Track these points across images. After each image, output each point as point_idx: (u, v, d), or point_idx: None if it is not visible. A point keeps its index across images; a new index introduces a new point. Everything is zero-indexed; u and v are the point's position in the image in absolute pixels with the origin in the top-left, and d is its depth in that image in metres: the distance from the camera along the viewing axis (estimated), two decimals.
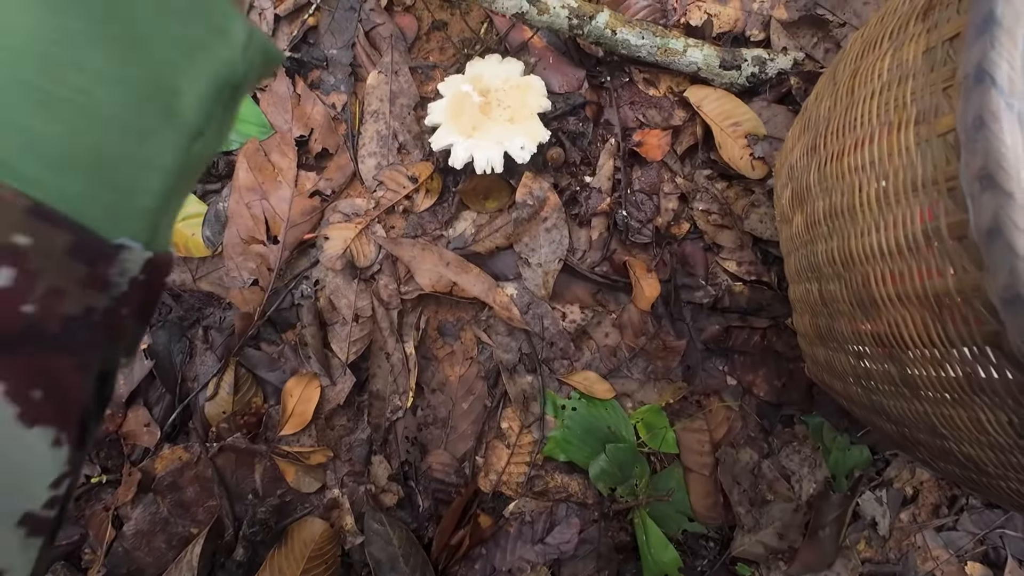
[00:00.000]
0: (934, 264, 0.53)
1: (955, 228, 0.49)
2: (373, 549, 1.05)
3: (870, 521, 1.14)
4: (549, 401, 1.12)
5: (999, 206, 0.42)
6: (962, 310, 0.51)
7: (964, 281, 0.49)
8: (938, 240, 0.52)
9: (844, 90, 0.73)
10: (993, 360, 0.50)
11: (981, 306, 0.48)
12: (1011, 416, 0.52)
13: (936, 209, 0.52)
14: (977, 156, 0.44)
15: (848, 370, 0.80)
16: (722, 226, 1.15)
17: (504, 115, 1.06)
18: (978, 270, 0.47)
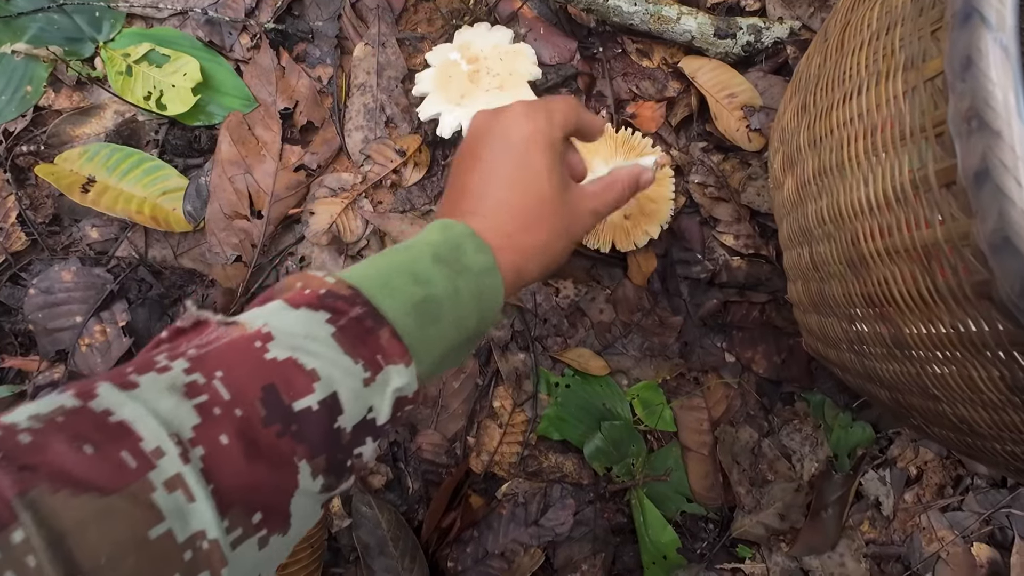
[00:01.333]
0: (923, 214, 0.51)
1: (943, 175, 0.47)
2: (361, 532, 1.03)
3: (873, 501, 1.12)
4: (542, 379, 1.10)
5: (987, 147, 0.40)
6: (951, 261, 0.49)
7: (953, 230, 0.47)
8: (926, 189, 0.50)
9: (834, 45, 0.71)
10: (983, 312, 0.48)
11: (970, 255, 0.45)
12: (1002, 371, 0.50)
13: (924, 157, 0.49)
14: (965, 97, 0.42)
15: (841, 336, 0.78)
16: (719, 199, 1.13)
17: (493, 83, 1.04)
18: (966, 217, 0.45)
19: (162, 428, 0.39)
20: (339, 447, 0.47)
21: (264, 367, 0.45)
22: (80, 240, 1.11)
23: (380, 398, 0.50)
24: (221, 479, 0.40)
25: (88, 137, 1.12)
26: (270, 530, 0.43)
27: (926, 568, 1.11)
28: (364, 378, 0.49)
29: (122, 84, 1.09)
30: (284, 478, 0.44)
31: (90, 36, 1.12)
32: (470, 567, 1.04)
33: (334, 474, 0.47)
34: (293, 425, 0.44)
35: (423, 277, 0.56)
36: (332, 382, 0.47)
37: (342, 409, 0.47)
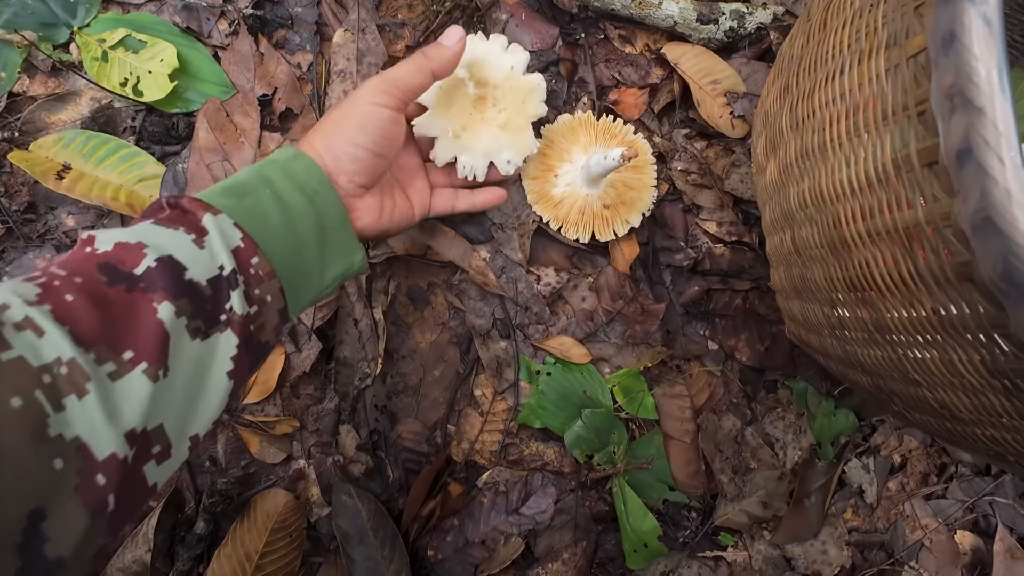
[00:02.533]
0: (904, 195, 0.51)
1: (925, 154, 0.46)
2: (341, 521, 1.02)
3: (857, 489, 1.12)
4: (524, 367, 1.09)
5: (970, 124, 0.40)
6: (932, 242, 0.48)
7: (934, 210, 0.46)
8: (908, 169, 0.49)
9: (817, 24, 0.71)
10: (964, 294, 0.47)
11: (952, 236, 0.45)
12: (982, 354, 0.50)
13: (906, 136, 0.49)
14: (948, 73, 0.41)
15: (823, 321, 0.78)
16: (702, 186, 1.12)
17: (498, 118, 1.00)
18: (948, 197, 0.44)
19: (10, 291, 0.48)
20: (200, 296, 0.58)
21: (95, 256, 0.56)
22: (56, 228, 1.09)
23: (221, 254, 0.61)
24: (75, 323, 0.49)
25: (64, 124, 1.10)
26: (150, 363, 0.51)
27: (909, 556, 1.11)
28: (191, 239, 0.61)
29: (98, 70, 1.08)
30: (143, 317, 0.53)
31: (65, 21, 1.10)
32: (450, 555, 1.04)
33: (201, 319, 0.58)
34: (140, 283, 0.55)
35: (231, 180, 0.72)
36: (161, 247, 0.58)
37: (184, 266, 0.58)
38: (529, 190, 1.05)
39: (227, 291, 0.60)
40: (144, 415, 0.50)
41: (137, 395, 0.49)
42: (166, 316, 0.53)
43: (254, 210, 0.68)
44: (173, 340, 0.53)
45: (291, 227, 0.71)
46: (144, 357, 0.51)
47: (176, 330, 0.54)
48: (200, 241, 0.61)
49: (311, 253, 0.74)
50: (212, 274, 0.60)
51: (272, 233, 0.68)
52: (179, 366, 0.54)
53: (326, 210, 0.75)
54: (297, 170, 0.75)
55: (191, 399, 0.56)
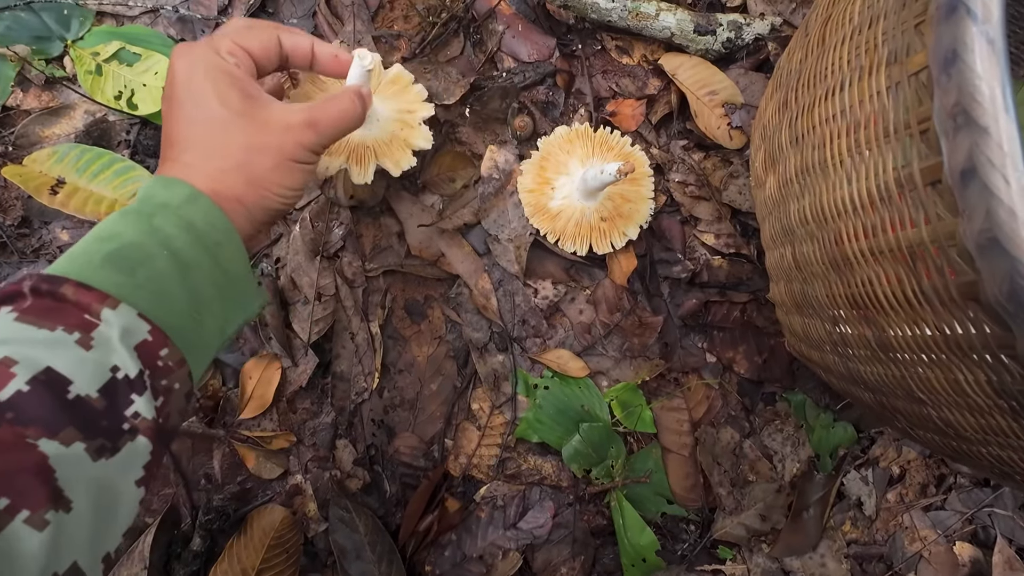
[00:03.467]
0: (907, 214, 0.50)
1: (928, 173, 0.46)
2: (338, 536, 1.02)
3: (855, 501, 1.12)
4: (521, 380, 1.09)
5: (974, 143, 0.40)
6: (936, 262, 0.48)
7: (938, 229, 0.46)
8: (911, 187, 0.49)
9: (815, 39, 0.70)
10: (969, 314, 0.47)
11: (956, 255, 0.44)
12: (988, 374, 0.49)
13: (908, 155, 0.48)
14: (950, 92, 0.41)
15: (824, 338, 0.78)
16: (699, 198, 1.12)
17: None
18: (952, 216, 0.44)
19: None
20: (91, 414, 0.48)
21: None
22: (50, 243, 1.09)
23: (116, 353, 0.51)
24: None
25: (57, 138, 1.10)
26: (34, 510, 0.43)
27: (908, 568, 1.10)
28: (75, 340, 0.50)
29: (92, 83, 1.07)
30: (18, 460, 0.44)
31: (58, 35, 1.09)
32: (448, 571, 1.04)
33: (103, 437, 0.49)
34: (8, 413, 0.45)
35: (109, 234, 0.57)
36: (36, 360, 0.47)
37: (68, 380, 0.48)
38: (526, 203, 1.04)
39: (127, 396, 0.51)
40: (44, 564, 0.43)
41: (29, 547, 0.42)
42: (50, 451, 0.45)
43: (152, 285, 0.56)
44: (65, 471, 0.46)
45: (193, 296, 0.60)
46: (24, 504, 0.43)
47: (67, 460, 0.46)
48: (87, 341, 0.50)
49: (213, 318, 0.63)
50: (104, 380, 0.50)
51: (174, 310, 0.58)
52: (81, 494, 0.46)
53: (231, 264, 0.64)
54: (195, 219, 0.61)
55: (105, 521, 0.49)
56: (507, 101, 1.11)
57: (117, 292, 0.53)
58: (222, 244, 0.63)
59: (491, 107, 1.10)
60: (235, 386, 1.08)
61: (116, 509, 0.50)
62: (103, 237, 0.57)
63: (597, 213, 1.03)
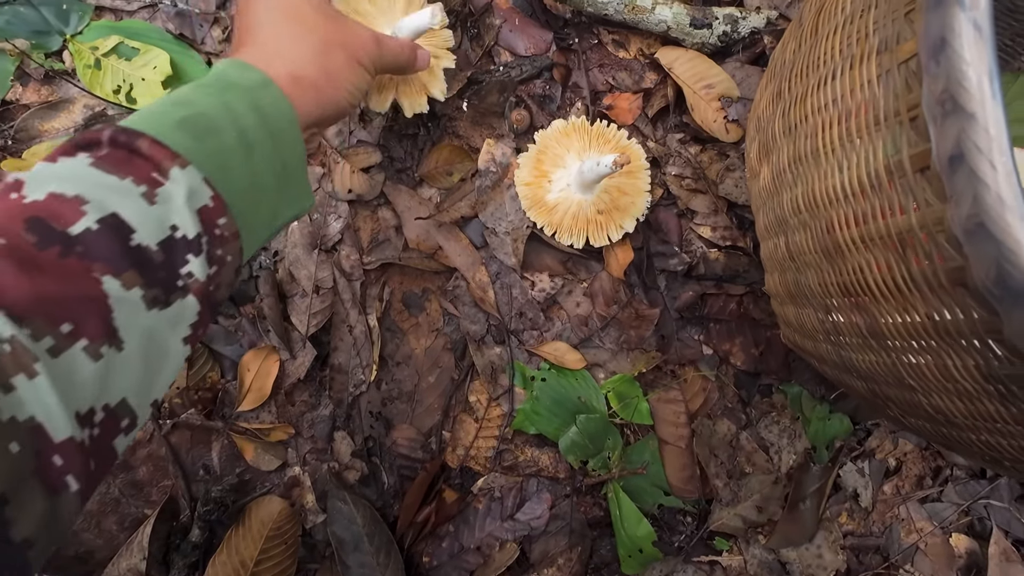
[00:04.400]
0: (897, 201, 0.51)
1: (918, 159, 0.47)
2: (336, 528, 1.02)
3: (852, 493, 1.12)
4: (518, 373, 1.09)
5: (961, 129, 0.40)
6: (925, 248, 0.48)
7: (927, 216, 0.46)
8: (900, 174, 0.49)
9: (809, 30, 0.71)
10: (958, 300, 0.48)
11: (945, 241, 0.45)
12: (977, 360, 0.50)
13: (899, 142, 0.49)
14: (939, 79, 0.41)
15: (817, 327, 0.78)
16: (696, 191, 1.12)
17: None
18: (941, 202, 0.44)
19: None
20: (150, 264, 0.50)
21: (22, 207, 0.47)
22: None
23: (178, 213, 0.53)
24: (2, 294, 0.42)
25: (57, 131, 1.10)
26: (92, 340, 0.45)
27: (905, 559, 1.11)
28: (141, 192, 0.51)
29: (91, 78, 1.08)
30: (84, 290, 0.46)
31: (57, 29, 1.10)
32: (445, 561, 1.04)
33: (159, 287, 0.51)
34: (77, 247, 0.47)
35: (183, 100, 0.60)
36: (104, 204, 0.49)
37: (131, 228, 0.50)
38: (523, 196, 1.04)
39: (183, 255, 0.53)
40: (98, 393, 0.46)
41: (84, 373, 0.45)
42: (111, 289, 0.47)
43: (218, 155, 0.58)
44: (122, 312, 0.48)
45: (253, 177, 0.62)
46: (84, 332, 0.45)
47: (126, 302, 0.48)
48: (152, 195, 0.52)
49: (267, 204, 0.65)
50: (163, 236, 0.52)
51: (234, 186, 0.60)
52: (133, 338, 0.49)
53: (289, 155, 0.66)
54: (264, 103, 0.64)
55: (152, 370, 0.51)
56: (504, 95, 1.11)
57: (187, 155, 0.55)
58: (285, 132, 0.65)
59: (488, 101, 1.10)
60: (233, 378, 1.08)
61: (163, 361, 0.52)
62: (178, 102, 0.59)
63: (594, 206, 1.04)
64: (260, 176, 0.62)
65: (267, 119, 0.63)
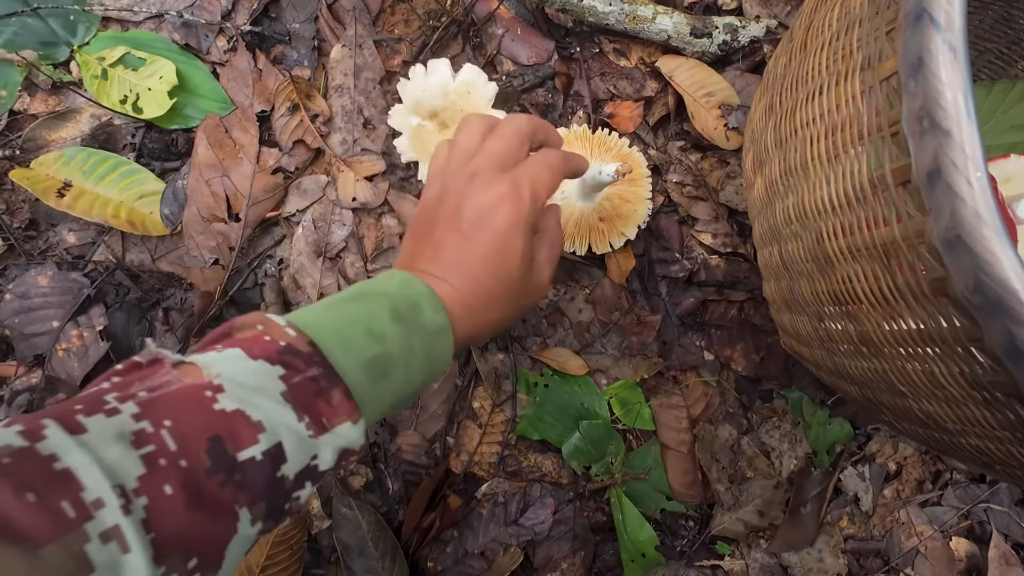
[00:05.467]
0: (881, 213, 0.52)
1: (899, 173, 0.48)
2: (341, 534, 1.03)
3: (852, 497, 1.12)
4: (521, 379, 1.10)
5: (938, 146, 0.41)
6: (908, 258, 0.49)
7: (909, 228, 0.48)
8: (884, 187, 0.50)
9: (798, 45, 0.72)
10: (940, 308, 0.49)
11: (926, 252, 0.46)
12: (961, 366, 0.51)
13: (881, 156, 0.50)
14: (917, 97, 0.42)
15: (812, 334, 0.79)
16: (697, 198, 1.13)
17: None
18: (921, 215, 0.45)
19: (106, 479, 0.40)
20: (279, 493, 0.49)
21: (212, 417, 0.46)
22: (57, 244, 1.11)
23: (325, 450, 0.52)
24: (162, 529, 0.41)
25: (64, 141, 1.12)
26: (203, 573, 0.44)
27: (905, 563, 1.11)
28: (308, 434, 0.50)
29: (98, 88, 1.09)
30: (224, 526, 0.46)
31: (65, 40, 1.11)
32: (450, 567, 1.05)
33: (272, 518, 0.50)
34: (237, 475, 0.46)
35: (379, 334, 0.58)
36: (276, 435, 0.48)
37: (286, 459, 0.49)
38: None
39: (304, 483, 0.52)
40: None
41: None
42: (242, 526, 0.47)
43: (382, 398, 0.58)
44: (236, 544, 0.47)
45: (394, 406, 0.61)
46: (202, 567, 0.45)
47: (244, 537, 0.48)
48: (315, 436, 0.51)
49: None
50: (302, 466, 0.51)
51: (378, 415, 0.59)
52: (231, 563, 0.48)
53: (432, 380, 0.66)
54: (437, 352, 0.63)
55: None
56: (507, 104, 1.12)
57: (361, 404, 0.55)
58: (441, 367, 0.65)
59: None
60: None
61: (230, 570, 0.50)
62: (373, 332, 0.58)
63: (596, 213, 1.05)
64: (399, 405, 0.63)
65: (433, 367, 0.63)
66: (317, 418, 0.51)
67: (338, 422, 0.53)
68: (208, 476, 0.45)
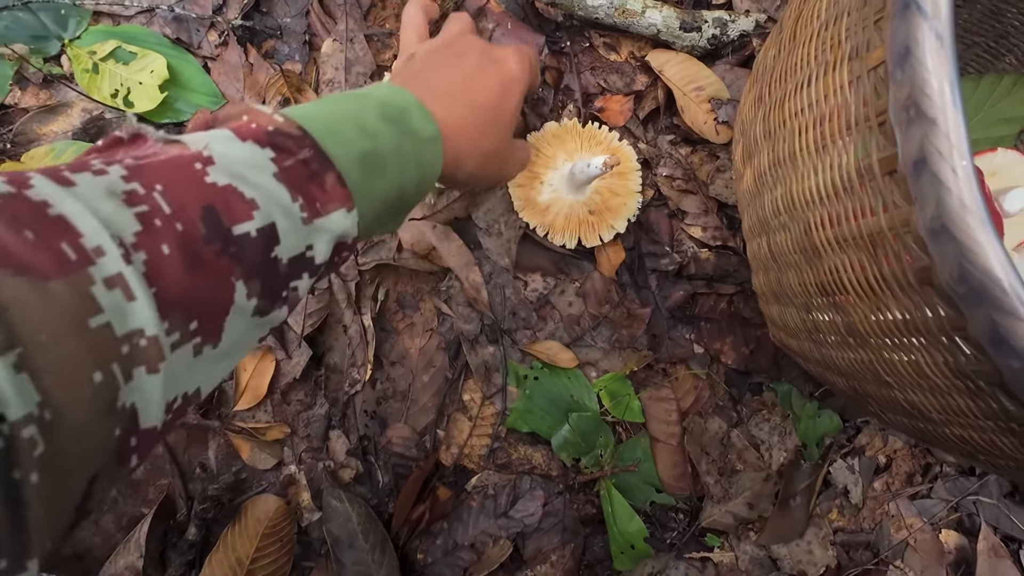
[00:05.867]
0: (868, 203, 0.52)
1: (886, 163, 0.48)
2: (331, 526, 1.03)
3: (842, 490, 1.13)
4: (511, 372, 1.10)
5: (924, 135, 0.41)
6: (895, 248, 0.50)
7: (895, 217, 0.48)
8: (871, 177, 0.51)
9: (788, 36, 0.72)
10: (926, 298, 0.49)
11: (912, 242, 0.46)
12: (946, 356, 0.51)
13: (868, 146, 0.50)
14: (904, 86, 0.43)
15: (800, 325, 0.79)
16: (686, 191, 1.13)
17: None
18: (908, 204, 0.46)
19: (103, 228, 0.39)
20: (275, 275, 0.50)
21: (204, 189, 0.46)
22: None
23: (319, 239, 0.53)
24: (163, 285, 0.42)
25: (55, 135, 1.11)
26: (204, 339, 0.45)
27: (895, 555, 1.11)
28: (302, 217, 0.51)
29: (89, 82, 1.09)
30: (221, 292, 0.46)
31: (56, 34, 1.11)
32: (440, 559, 1.05)
33: (268, 298, 0.50)
34: (232, 247, 0.46)
35: (371, 131, 0.58)
36: (270, 214, 0.48)
37: (279, 240, 0.49)
38: (515, 197, 1.05)
39: (301, 272, 0.53)
40: (186, 383, 0.46)
41: (185, 365, 0.45)
42: (239, 297, 0.47)
43: (374, 197, 0.58)
44: (234, 317, 0.48)
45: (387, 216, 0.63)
46: (203, 332, 0.45)
47: (241, 309, 0.48)
48: (309, 221, 0.52)
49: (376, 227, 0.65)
50: (296, 252, 0.51)
51: (370, 221, 0.59)
52: (229, 338, 0.48)
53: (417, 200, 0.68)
54: (427, 159, 0.65)
55: (229, 364, 0.51)
56: None
57: (355, 195, 0.55)
58: (429, 184, 0.67)
59: None
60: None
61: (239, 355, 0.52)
62: (364, 129, 0.58)
63: (586, 207, 1.05)
64: (389, 213, 0.63)
65: (423, 175, 0.64)
66: (311, 201, 0.52)
67: (332, 208, 0.53)
68: (204, 243, 0.44)
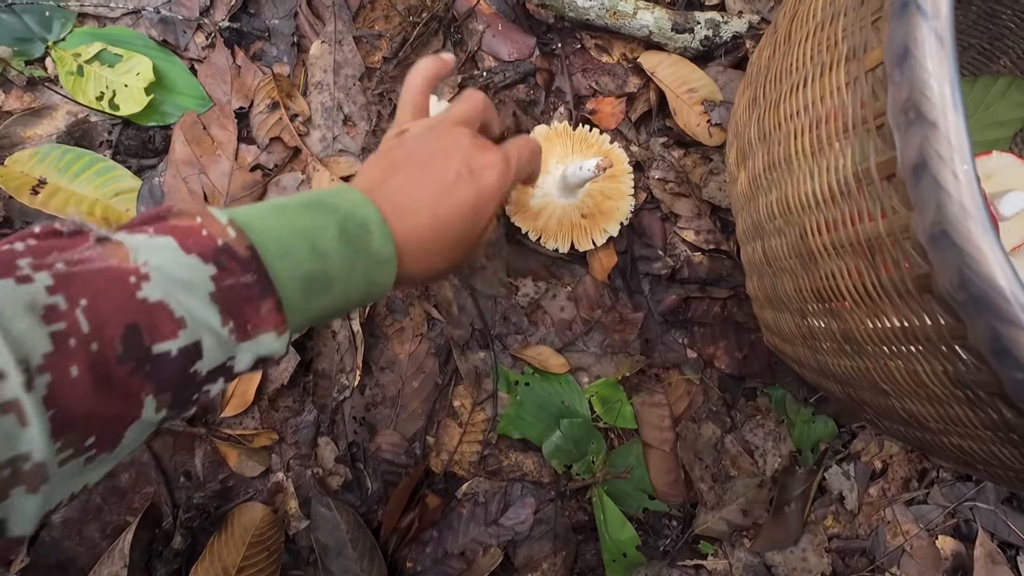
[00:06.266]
0: (865, 208, 0.51)
1: (884, 167, 0.47)
2: (320, 534, 1.02)
3: (837, 496, 1.12)
4: (502, 377, 1.09)
5: (924, 138, 0.41)
6: (893, 254, 0.49)
7: (894, 222, 0.47)
8: (868, 182, 0.50)
9: (783, 36, 0.71)
10: (925, 306, 0.48)
11: (911, 248, 0.45)
12: (944, 365, 0.50)
13: (866, 149, 0.49)
14: (903, 87, 0.42)
15: (795, 331, 0.78)
16: (679, 195, 1.12)
17: None
18: (907, 210, 0.45)
19: (10, 352, 0.38)
20: (190, 386, 0.48)
21: (132, 305, 0.44)
22: None
23: (243, 355, 0.51)
24: (64, 406, 0.40)
25: (39, 138, 1.10)
26: (99, 451, 0.44)
27: (891, 561, 1.11)
28: (232, 339, 0.49)
29: (73, 84, 1.08)
30: (127, 410, 0.44)
31: (40, 36, 1.10)
32: (429, 567, 1.04)
33: (177, 408, 0.48)
34: (147, 365, 0.44)
35: (323, 251, 0.56)
36: (196, 334, 0.47)
37: (202, 356, 0.48)
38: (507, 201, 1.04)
39: (217, 379, 0.51)
40: (70, 488, 0.44)
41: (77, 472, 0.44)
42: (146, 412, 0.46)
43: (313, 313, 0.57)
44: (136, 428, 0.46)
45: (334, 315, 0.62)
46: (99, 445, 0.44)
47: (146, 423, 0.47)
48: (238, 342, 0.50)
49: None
50: (216, 365, 0.49)
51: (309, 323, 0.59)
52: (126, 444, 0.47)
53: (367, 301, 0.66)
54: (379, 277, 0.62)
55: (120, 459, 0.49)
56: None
57: (291, 320, 0.53)
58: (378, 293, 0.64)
59: None
60: None
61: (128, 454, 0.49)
62: (317, 249, 0.56)
63: (578, 210, 1.04)
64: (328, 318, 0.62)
65: (372, 290, 0.62)
66: (242, 325, 0.50)
67: (262, 331, 0.51)
68: (118, 363, 0.43)
